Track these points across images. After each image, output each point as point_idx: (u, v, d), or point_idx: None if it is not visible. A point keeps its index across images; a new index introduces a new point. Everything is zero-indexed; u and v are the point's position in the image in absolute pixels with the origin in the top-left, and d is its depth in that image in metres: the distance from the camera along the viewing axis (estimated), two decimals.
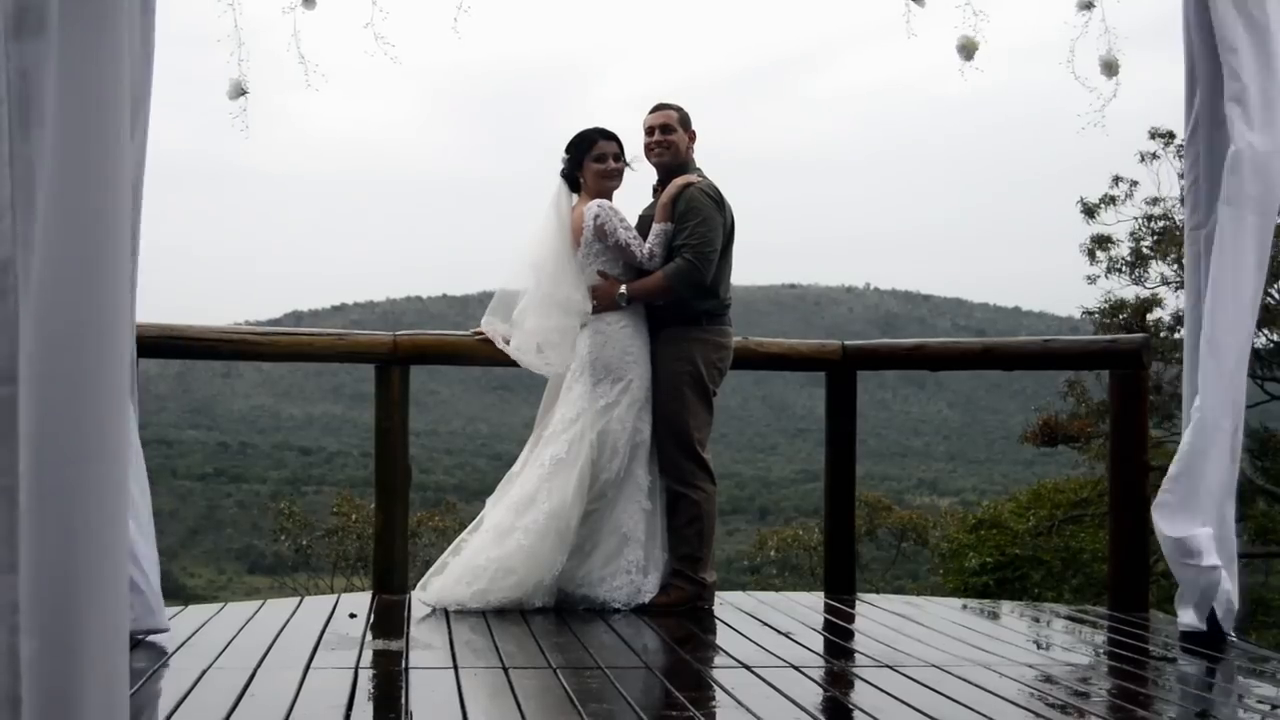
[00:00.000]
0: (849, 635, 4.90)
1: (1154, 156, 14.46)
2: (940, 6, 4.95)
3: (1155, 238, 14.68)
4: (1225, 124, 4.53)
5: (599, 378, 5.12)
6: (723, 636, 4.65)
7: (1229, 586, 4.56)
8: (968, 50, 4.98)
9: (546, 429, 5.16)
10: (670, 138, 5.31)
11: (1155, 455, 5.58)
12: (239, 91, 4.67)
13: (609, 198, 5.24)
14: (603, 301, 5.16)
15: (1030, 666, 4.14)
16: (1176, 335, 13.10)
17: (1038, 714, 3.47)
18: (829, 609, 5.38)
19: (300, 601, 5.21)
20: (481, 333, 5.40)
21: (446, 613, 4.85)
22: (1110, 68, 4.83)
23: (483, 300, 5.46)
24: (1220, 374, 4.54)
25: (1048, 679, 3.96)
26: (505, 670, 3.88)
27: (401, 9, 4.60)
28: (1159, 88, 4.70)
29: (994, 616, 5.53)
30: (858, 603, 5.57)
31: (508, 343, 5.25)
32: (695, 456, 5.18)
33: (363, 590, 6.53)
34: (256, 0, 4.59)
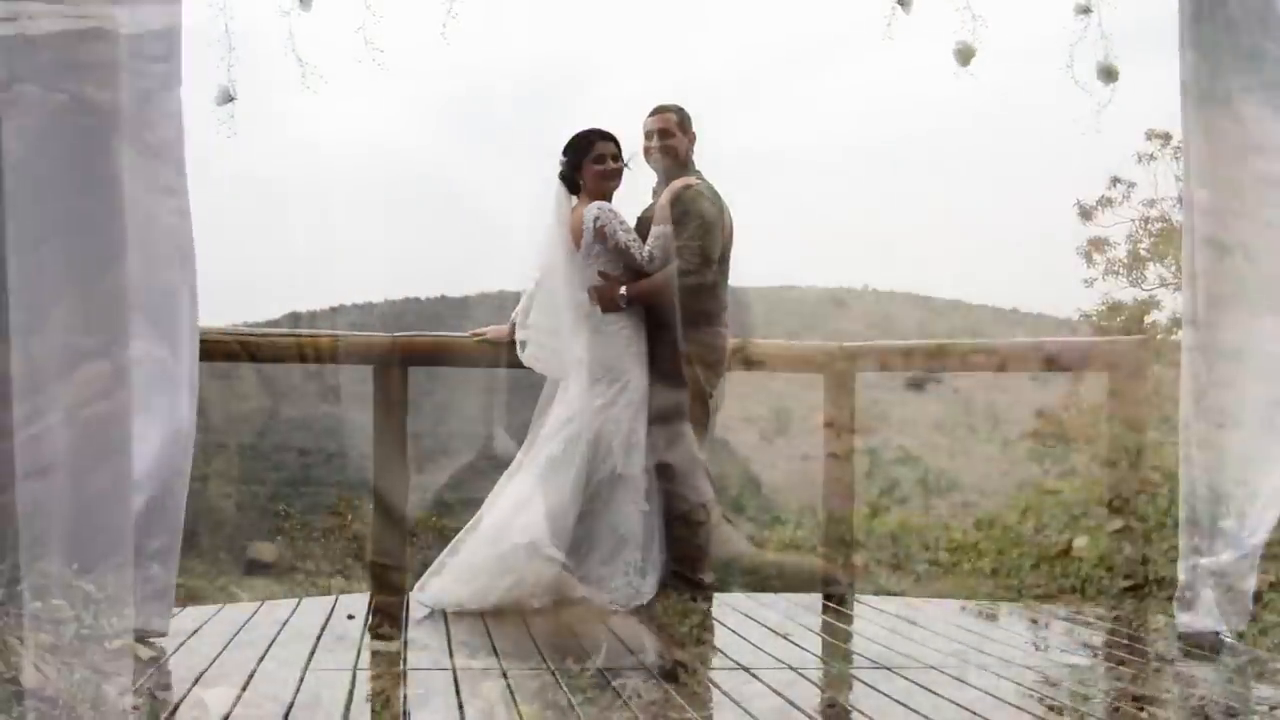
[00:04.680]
0: (847, 637, 4.90)
1: (1151, 158, 14.47)
2: (938, 6, 4.96)
3: (1153, 240, 14.69)
4: None
5: (596, 377, 5.12)
6: (720, 638, 4.65)
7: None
8: (964, 55, 5.00)
9: (543, 428, 5.16)
10: (670, 141, 5.31)
11: (1153, 457, 5.59)
12: (226, 98, 4.72)
13: (608, 198, 5.24)
14: (604, 302, 5.15)
15: (1029, 668, 4.14)
16: (1174, 337, 13.10)
17: (1037, 715, 3.47)
18: (827, 610, 5.38)
19: (298, 603, 5.20)
20: (480, 334, 5.41)
21: (444, 613, 4.85)
22: (1109, 74, 4.83)
23: (480, 302, 5.48)
24: None
25: (1047, 680, 3.96)
26: (503, 671, 3.88)
27: (397, 12, 4.63)
28: (1156, 89, 4.69)
29: (992, 618, 5.53)
30: (856, 604, 5.57)
31: (524, 347, 5.23)
32: (692, 458, 5.18)
33: (361, 591, 6.51)
34: (256, 4, 4.63)
